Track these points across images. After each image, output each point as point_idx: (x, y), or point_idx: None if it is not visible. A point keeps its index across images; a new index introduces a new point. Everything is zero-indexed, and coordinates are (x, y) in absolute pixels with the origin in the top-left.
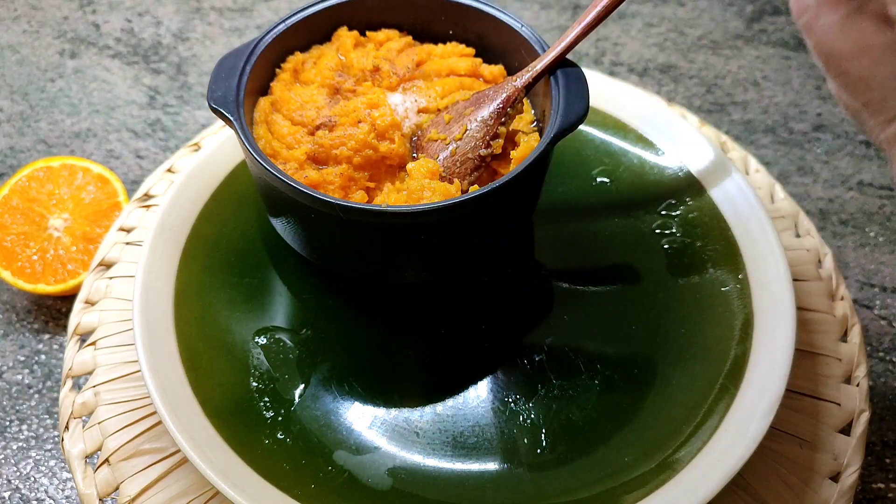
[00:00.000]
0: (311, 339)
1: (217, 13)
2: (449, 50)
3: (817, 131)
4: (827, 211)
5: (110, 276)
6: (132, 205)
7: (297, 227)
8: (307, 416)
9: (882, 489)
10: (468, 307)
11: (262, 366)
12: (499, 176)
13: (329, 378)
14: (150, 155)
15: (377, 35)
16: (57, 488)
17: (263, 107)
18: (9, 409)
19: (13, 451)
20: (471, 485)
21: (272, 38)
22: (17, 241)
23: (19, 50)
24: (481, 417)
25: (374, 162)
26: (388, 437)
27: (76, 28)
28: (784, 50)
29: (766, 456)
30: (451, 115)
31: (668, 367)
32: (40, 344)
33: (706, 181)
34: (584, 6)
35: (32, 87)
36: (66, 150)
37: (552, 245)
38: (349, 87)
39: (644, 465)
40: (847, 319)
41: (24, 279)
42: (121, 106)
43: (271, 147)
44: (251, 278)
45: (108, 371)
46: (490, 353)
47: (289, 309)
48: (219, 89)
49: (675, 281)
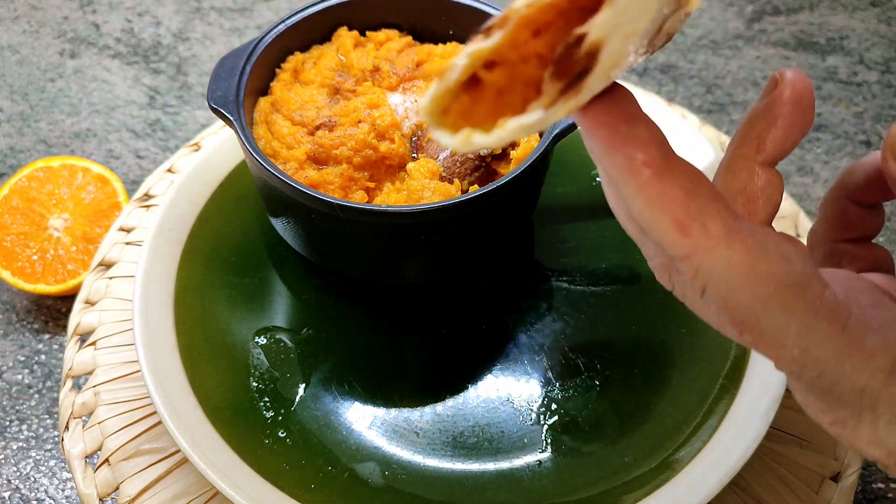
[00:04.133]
0: (311, 339)
1: (217, 13)
2: (449, 50)
3: (817, 131)
4: None
5: (110, 276)
6: (132, 205)
7: (297, 227)
8: (307, 416)
9: (882, 489)
10: (468, 307)
11: (262, 366)
12: (499, 176)
13: (329, 378)
14: (150, 155)
15: (377, 35)
16: (57, 488)
17: (263, 107)
18: (9, 409)
19: (13, 451)
20: (471, 485)
21: (272, 38)
22: (17, 241)
23: (19, 50)
24: (481, 417)
25: (374, 162)
26: (388, 437)
27: (76, 28)
28: (784, 50)
29: (766, 456)
30: None
31: (668, 368)
32: (40, 344)
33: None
34: None
35: (32, 87)
36: (66, 150)
37: (552, 245)
38: (349, 87)
39: (644, 465)
40: None
41: (24, 279)
42: (121, 106)
43: (271, 147)
44: (251, 278)
45: (108, 371)
46: (490, 354)
47: (289, 309)
48: (219, 89)
49: None
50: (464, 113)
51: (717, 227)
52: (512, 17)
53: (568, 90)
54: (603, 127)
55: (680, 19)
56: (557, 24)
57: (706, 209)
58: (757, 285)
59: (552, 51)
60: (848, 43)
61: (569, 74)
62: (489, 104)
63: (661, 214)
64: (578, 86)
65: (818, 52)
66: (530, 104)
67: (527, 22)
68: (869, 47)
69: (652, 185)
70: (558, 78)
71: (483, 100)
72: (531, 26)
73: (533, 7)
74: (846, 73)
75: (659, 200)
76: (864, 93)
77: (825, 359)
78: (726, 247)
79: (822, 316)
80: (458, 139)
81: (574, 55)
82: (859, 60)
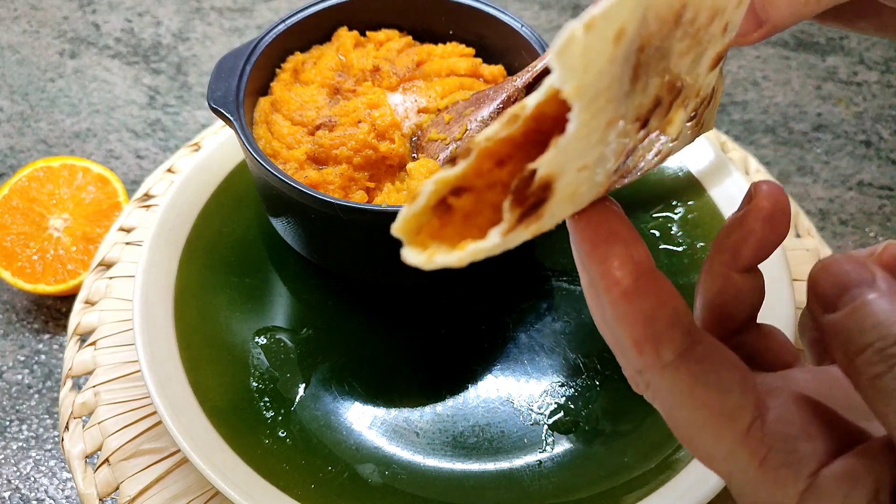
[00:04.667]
0: (311, 339)
1: (217, 13)
2: (449, 50)
3: (817, 131)
4: (827, 211)
5: (110, 276)
6: (132, 205)
7: (297, 227)
8: (307, 416)
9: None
10: (468, 307)
11: (262, 366)
12: None
13: (329, 378)
14: (150, 155)
15: (377, 35)
16: (57, 488)
17: (263, 107)
18: (9, 409)
19: (13, 451)
20: (471, 485)
21: (272, 38)
22: (17, 241)
23: (19, 50)
24: (481, 417)
25: (374, 162)
26: (387, 437)
27: (76, 28)
28: (784, 50)
29: None
30: (451, 115)
31: None
32: (40, 344)
33: (706, 181)
34: (584, 6)
35: (32, 87)
36: (66, 150)
37: (552, 245)
38: (349, 87)
39: (644, 465)
40: None
41: (24, 279)
42: (121, 106)
43: (271, 147)
44: (251, 278)
45: (108, 371)
46: (490, 354)
47: (289, 309)
48: (219, 89)
49: (675, 281)
50: (433, 233)
51: (667, 353)
52: (474, 148)
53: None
54: (585, 241)
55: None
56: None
57: (662, 334)
58: (694, 410)
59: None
60: (848, 43)
61: (525, 204)
62: (458, 225)
63: (623, 331)
64: (538, 213)
65: (818, 52)
66: (491, 229)
67: (488, 154)
68: (869, 47)
69: (619, 304)
70: (517, 205)
71: (452, 221)
72: (493, 157)
73: (491, 141)
74: (846, 73)
75: (623, 319)
76: (864, 93)
77: (743, 484)
78: (673, 370)
79: (745, 446)
80: (423, 258)
81: (529, 186)
82: (859, 60)
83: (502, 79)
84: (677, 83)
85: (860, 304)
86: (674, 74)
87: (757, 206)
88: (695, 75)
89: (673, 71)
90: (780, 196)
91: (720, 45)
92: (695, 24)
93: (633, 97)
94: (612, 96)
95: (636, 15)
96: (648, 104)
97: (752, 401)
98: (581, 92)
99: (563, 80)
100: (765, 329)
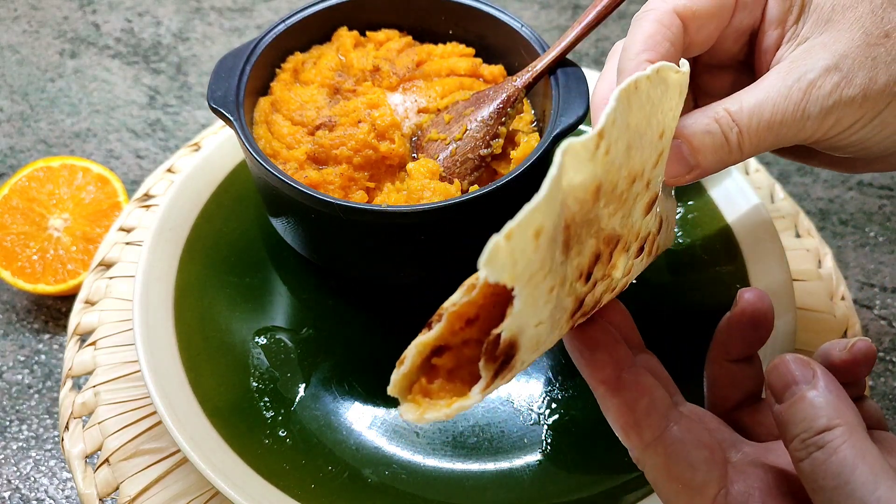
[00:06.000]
0: (311, 339)
1: (217, 13)
2: (449, 50)
3: None
4: (827, 211)
5: (110, 276)
6: (132, 205)
7: (297, 227)
8: (307, 415)
9: None
10: None
11: (262, 366)
12: (499, 176)
13: (329, 378)
14: (150, 155)
15: (377, 35)
16: (57, 488)
17: (263, 107)
18: (9, 409)
19: (13, 451)
20: (471, 485)
21: (272, 38)
22: (17, 241)
23: (19, 50)
24: (481, 417)
25: (374, 162)
26: (388, 437)
27: (76, 28)
28: None
29: None
30: (451, 115)
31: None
32: (40, 344)
33: (706, 181)
34: (584, 6)
35: (32, 87)
36: (66, 150)
37: None
38: (349, 87)
39: None
40: (847, 319)
41: (24, 279)
42: (121, 106)
43: (271, 147)
44: (251, 278)
45: (108, 371)
46: None
47: (289, 309)
48: (219, 89)
49: (675, 280)
50: (423, 390)
51: (647, 435)
52: (444, 313)
53: (500, 372)
54: (574, 350)
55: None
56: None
57: (642, 420)
58: (668, 482)
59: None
60: None
61: (497, 361)
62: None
63: (613, 420)
64: (510, 366)
65: None
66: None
67: (457, 316)
68: None
69: (606, 399)
70: (490, 363)
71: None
72: (462, 318)
73: (456, 305)
74: None
75: (610, 409)
76: None
77: None
78: (652, 450)
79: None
80: (416, 414)
81: (498, 346)
82: None
83: (502, 79)
84: (614, 236)
85: (797, 399)
86: (608, 231)
87: (741, 312)
88: (629, 224)
89: (605, 230)
90: (760, 304)
91: (648, 197)
92: (616, 191)
93: (569, 262)
94: (547, 271)
95: (552, 211)
96: (587, 261)
97: (716, 476)
98: (516, 277)
99: (496, 276)
100: (759, 406)
